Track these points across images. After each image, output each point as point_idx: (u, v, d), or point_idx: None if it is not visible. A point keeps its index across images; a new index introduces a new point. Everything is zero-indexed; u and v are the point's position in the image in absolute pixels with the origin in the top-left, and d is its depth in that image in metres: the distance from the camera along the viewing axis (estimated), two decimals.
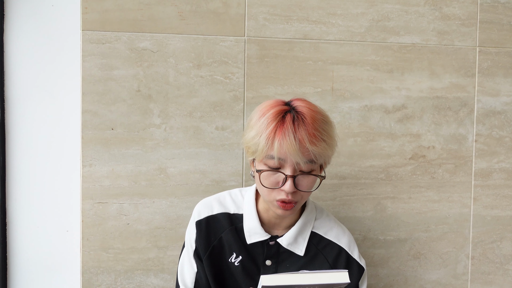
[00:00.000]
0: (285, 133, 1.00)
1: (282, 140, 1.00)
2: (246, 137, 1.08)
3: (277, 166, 1.03)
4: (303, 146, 1.01)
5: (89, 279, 1.36)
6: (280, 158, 1.02)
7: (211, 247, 1.14)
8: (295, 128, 1.01)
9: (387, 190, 1.50)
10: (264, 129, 1.03)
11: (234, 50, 1.41)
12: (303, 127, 1.02)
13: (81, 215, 1.36)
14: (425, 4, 1.50)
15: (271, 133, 1.01)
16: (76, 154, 1.42)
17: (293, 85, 1.44)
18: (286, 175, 1.03)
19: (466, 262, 1.56)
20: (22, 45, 1.41)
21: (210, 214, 1.16)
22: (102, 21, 1.34)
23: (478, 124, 1.55)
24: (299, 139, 1.00)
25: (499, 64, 1.55)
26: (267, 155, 1.03)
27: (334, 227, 1.20)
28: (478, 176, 1.56)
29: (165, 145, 1.39)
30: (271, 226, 1.16)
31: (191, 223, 1.17)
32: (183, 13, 1.38)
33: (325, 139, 1.04)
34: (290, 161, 1.02)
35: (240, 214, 1.16)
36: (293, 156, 1.00)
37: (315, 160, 1.04)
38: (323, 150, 1.04)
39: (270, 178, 1.05)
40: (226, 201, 1.19)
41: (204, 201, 1.19)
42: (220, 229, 1.15)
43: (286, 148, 1.00)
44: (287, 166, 1.03)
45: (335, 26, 1.46)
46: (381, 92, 1.49)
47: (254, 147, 1.05)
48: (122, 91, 1.36)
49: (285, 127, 1.01)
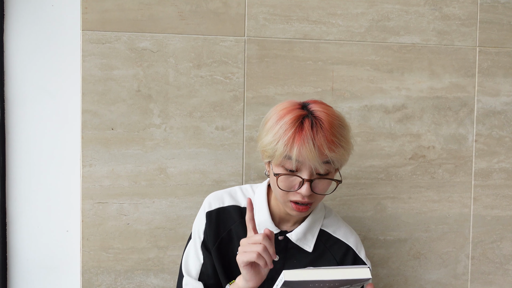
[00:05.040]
0: (303, 140, 1.01)
1: (301, 147, 1.00)
2: (263, 141, 1.08)
3: (295, 169, 1.04)
4: (322, 153, 1.01)
5: (89, 279, 1.36)
6: (298, 161, 1.02)
7: (219, 239, 1.15)
8: (314, 135, 1.01)
9: (387, 190, 1.50)
10: (282, 135, 1.03)
11: (234, 50, 1.41)
12: (322, 133, 1.02)
13: (81, 215, 1.36)
14: (425, 4, 1.50)
15: (289, 140, 1.02)
16: (76, 154, 1.42)
17: (293, 85, 1.44)
18: (304, 179, 1.04)
19: (466, 262, 1.56)
20: (22, 45, 1.41)
21: (221, 206, 1.17)
22: (102, 21, 1.34)
23: (478, 124, 1.55)
24: (318, 145, 1.01)
25: (499, 64, 1.55)
26: (285, 155, 1.03)
27: (342, 226, 1.22)
28: (478, 176, 1.56)
29: (165, 145, 1.39)
30: (281, 221, 1.17)
31: (201, 214, 1.18)
32: (183, 13, 1.38)
33: (343, 145, 1.05)
34: (308, 166, 1.02)
35: None
36: (312, 162, 1.01)
37: (333, 164, 1.05)
38: (341, 156, 1.05)
39: (287, 181, 1.06)
40: (237, 194, 1.20)
41: (215, 193, 1.20)
42: (230, 221, 1.16)
43: (306, 155, 1.00)
44: (304, 170, 1.03)
45: (335, 26, 1.46)
46: (381, 92, 1.49)
47: (271, 152, 1.05)
48: (122, 91, 1.36)
49: (304, 134, 1.01)
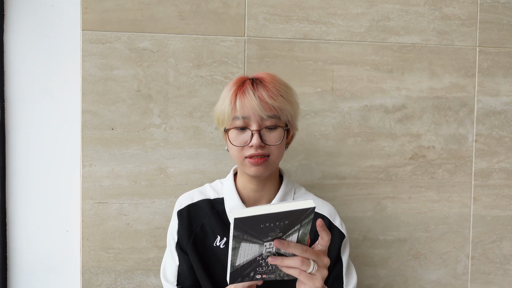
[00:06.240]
0: (244, 92, 1.09)
1: (242, 98, 1.08)
2: (215, 110, 1.15)
3: (244, 125, 1.09)
4: (263, 101, 1.08)
5: (89, 279, 1.36)
6: (244, 117, 1.08)
7: (194, 234, 1.16)
8: (254, 88, 1.09)
9: (387, 190, 1.50)
10: (226, 95, 1.11)
11: (234, 50, 1.41)
12: (262, 87, 1.09)
13: (81, 215, 1.36)
14: (425, 4, 1.50)
15: (232, 96, 1.10)
16: (76, 154, 1.42)
17: (293, 85, 1.43)
18: (252, 130, 1.08)
19: (466, 262, 1.56)
20: (22, 45, 1.41)
21: (191, 202, 1.19)
22: (102, 21, 1.34)
23: (478, 124, 1.55)
24: (258, 96, 1.08)
25: (499, 64, 1.55)
26: (233, 117, 1.09)
27: (314, 199, 1.23)
28: (478, 176, 1.56)
29: (165, 145, 1.39)
30: (252, 202, 1.18)
31: (173, 215, 1.20)
32: (183, 13, 1.38)
33: (283, 95, 1.10)
34: (254, 118, 1.08)
35: (221, 198, 1.19)
36: (256, 111, 1.07)
37: (278, 115, 1.09)
38: (283, 105, 1.09)
39: (239, 137, 1.10)
40: (206, 189, 1.22)
41: (185, 193, 1.23)
42: (202, 215, 1.17)
43: (248, 105, 1.07)
44: (252, 123, 1.08)
45: (335, 26, 1.46)
46: (381, 92, 1.49)
47: (222, 115, 1.12)
48: (122, 91, 1.36)
49: (245, 88, 1.09)
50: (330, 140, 1.47)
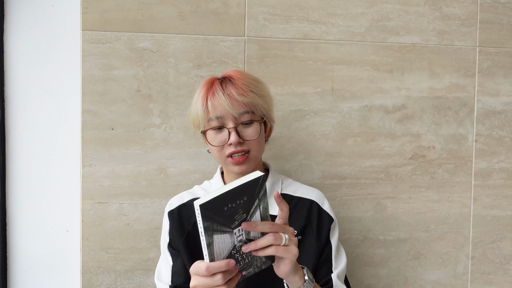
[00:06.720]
0: (214, 93, 1.09)
1: (213, 99, 1.09)
2: (188, 115, 1.17)
3: (220, 125, 1.10)
4: (233, 99, 1.08)
5: (89, 279, 1.36)
6: (218, 117, 1.09)
7: (186, 233, 1.16)
8: (223, 87, 1.10)
9: (387, 190, 1.50)
10: (197, 98, 1.13)
11: (234, 50, 1.41)
12: (231, 85, 1.10)
13: (81, 215, 1.36)
14: (425, 4, 1.50)
15: (203, 98, 1.11)
16: (76, 154, 1.42)
17: (293, 85, 1.44)
18: (228, 128, 1.09)
19: (466, 262, 1.56)
20: (22, 45, 1.41)
21: (181, 203, 1.20)
22: (102, 21, 1.34)
23: (478, 124, 1.55)
24: (228, 94, 1.09)
25: (499, 64, 1.55)
26: (208, 119, 1.11)
27: (302, 186, 1.24)
28: (478, 176, 1.56)
29: (165, 145, 1.39)
30: None
31: (164, 217, 1.20)
32: (183, 13, 1.38)
33: (253, 90, 1.11)
34: (227, 116, 1.09)
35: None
36: (227, 110, 1.08)
37: (251, 110, 1.10)
38: (254, 100, 1.10)
39: (217, 137, 1.12)
40: (195, 190, 1.24)
41: (175, 196, 1.24)
42: (193, 214, 1.17)
43: (218, 104, 1.08)
44: (227, 122, 1.10)
45: (335, 26, 1.46)
46: (381, 92, 1.49)
47: (196, 119, 1.13)
48: (122, 91, 1.36)
49: (214, 88, 1.10)
50: (330, 140, 1.47)
